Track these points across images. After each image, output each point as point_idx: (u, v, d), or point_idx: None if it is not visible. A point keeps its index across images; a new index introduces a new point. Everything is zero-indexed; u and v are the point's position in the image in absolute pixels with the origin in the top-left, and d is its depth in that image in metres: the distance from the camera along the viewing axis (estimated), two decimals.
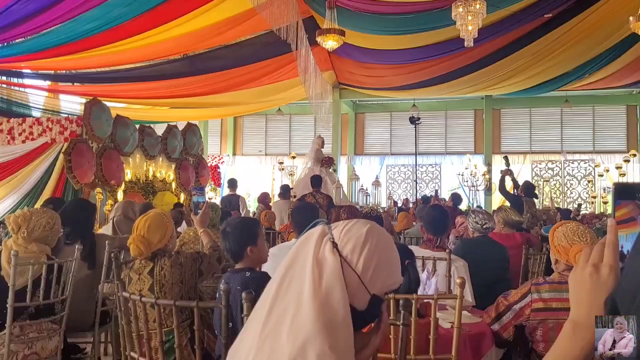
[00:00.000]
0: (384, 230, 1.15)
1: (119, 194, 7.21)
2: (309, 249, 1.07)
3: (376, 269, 1.06)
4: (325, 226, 1.12)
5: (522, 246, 4.11)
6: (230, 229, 2.44)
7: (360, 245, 1.06)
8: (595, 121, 14.82)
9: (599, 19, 9.24)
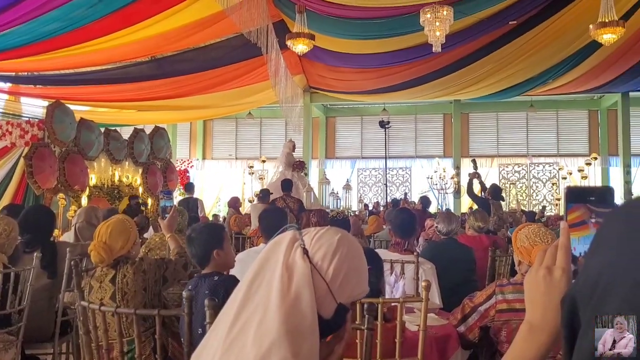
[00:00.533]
0: (355, 240, 1.14)
1: (83, 199, 7.04)
2: (279, 254, 1.06)
3: (345, 278, 1.06)
4: (296, 232, 1.11)
5: (488, 248, 4.16)
6: (195, 233, 2.40)
7: (332, 253, 1.05)
8: (559, 125, 15.17)
9: (561, 26, 9.48)
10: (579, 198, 0.85)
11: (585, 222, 0.84)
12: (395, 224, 3.32)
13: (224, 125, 16.79)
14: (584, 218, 0.84)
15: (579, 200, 0.84)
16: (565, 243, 0.84)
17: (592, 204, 0.84)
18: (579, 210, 0.84)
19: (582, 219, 0.84)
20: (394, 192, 15.19)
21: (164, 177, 9.03)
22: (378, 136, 14.42)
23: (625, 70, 11.22)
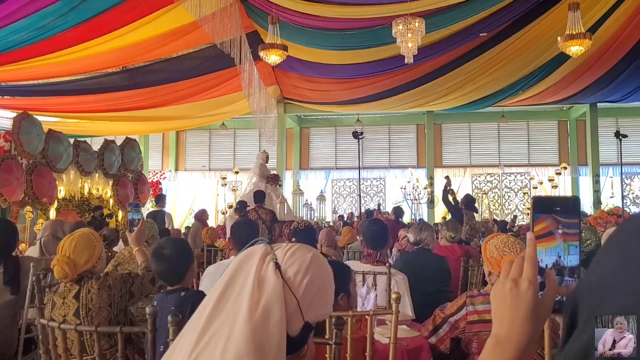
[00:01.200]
0: (324, 259, 1.14)
1: (51, 212, 6.89)
2: (250, 267, 1.04)
3: (315, 296, 1.05)
4: (268, 246, 1.09)
5: (460, 258, 4.18)
6: (166, 249, 2.32)
7: (304, 270, 1.04)
8: (529, 136, 15.43)
9: (530, 39, 9.67)
10: (545, 208, 0.84)
11: (552, 233, 0.84)
12: (367, 235, 3.31)
13: (197, 136, 16.66)
14: (551, 229, 0.83)
15: (546, 210, 0.84)
16: (532, 254, 0.83)
17: (558, 215, 0.83)
18: (546, 220, 0.84)
19: (548, 230, 0.84)
20: (368, 202, 15.23)
21: (135, 189, 8.90)
22: (352, 147, 14.46)
23: (593, 82, 11.48)
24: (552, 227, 0.83)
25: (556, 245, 0.84)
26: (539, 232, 0.84)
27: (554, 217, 0.83)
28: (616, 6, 8.82)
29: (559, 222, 0.83)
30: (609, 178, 14.32)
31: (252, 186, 9.99)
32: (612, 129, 13.93)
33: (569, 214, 0.83)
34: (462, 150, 15.66)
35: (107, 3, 7.40)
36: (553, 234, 0.83)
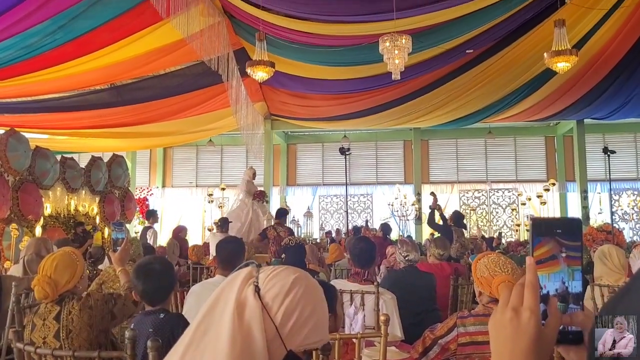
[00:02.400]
0: (314, 283, 1.07)
1: (37, 229, 6.79)
2: (232, 291, 0.99)
3: (297, 322, 0.98)
4: (254, 268, 1.04)
5: (449, 276, 4.15)
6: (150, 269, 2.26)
7: (284, 293, 0.99)
8: (517, 152, 15.53)
9: (516, 55, 9.78)
10: (546, 231, 0.80)
11: (555, 257, 0.79)
12: (354, 253, 3.28)
13: (184, 153, 16.59)
14: (554, 252, 0.79)
15: (547, 233, 0.80)
16: (533, 281, 0.77)
17: (560, 237, 0.79)
18: (548, 244, 0.79)
19: (551, 254, 0.79)
20: (355, 218, 15.20)
21: (122, 206, 8.81)
22: (339, 163, 14.45)
23: (578, 99, 11.60)
24: (555, 251, 0.79)
25: (560, 270, 0.79)
26: (540, 256, 0.79)
27: (557, 239, 0.79)
28: (601, 23, 8.96)
29: (562, 245, 0.79)
30: (597, 194, 14.41)
31: (239, 203, 9.93)
32: (599, 144, 14.06)
33: (571, 237, 0.79)
34: (450, 167, 15.72)
35: (94, 22, 7.40)
36: (556, 257, 0.79)
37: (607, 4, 8.41)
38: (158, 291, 2.22)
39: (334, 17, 8.36)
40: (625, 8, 8.53)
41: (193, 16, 7.65)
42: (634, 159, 14.91)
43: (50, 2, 6.60)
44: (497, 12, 8.41)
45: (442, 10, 7.93)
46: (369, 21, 8.31)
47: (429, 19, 8.24)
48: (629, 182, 14.72)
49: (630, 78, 10.50)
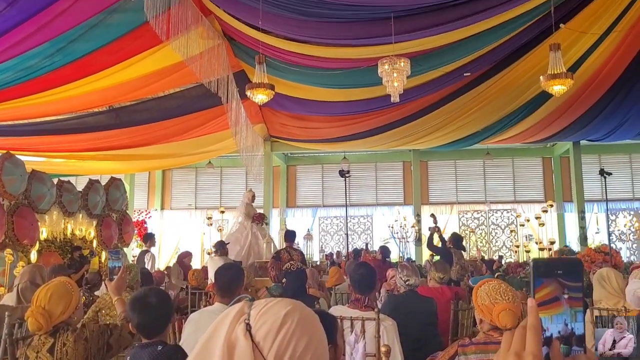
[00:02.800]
0: (309, 313, 1.01)
1: (33, 254, 6.73)
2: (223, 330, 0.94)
3: (292, 358, 0.92)
4: (246, 303, 0.99)
5: (450, 301, 4.11)
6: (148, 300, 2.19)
7: (275, 330, 0.93)
8: (514, 172, 15.56)
9: (512, 78, 9.86)
10: (547, 272, 0.78)
11: (557, 299, 0.77)
12: (354, 279, 3.23)
13: (183, 175, 16.57)
14: (556, 294, 0.77)
15: (548, 274, 0.78)
16: (535, 324, 0.75)
17: (561, 278, 0.78)
18: (550, 285, 0.78)
19: (553, 295, 0.78)
20: (355, 240, 15.13)
21: (120, 229, 8.76)
22: (339, 184, 14.45)
23: (574, 121, 11.67)
24: (558, 292, 0.77)
25: (562, 311, 0.77)
26: (542, 298, 0.77)
27: (559, 280, 0.78)
28: (594, 47, 9.05)
29: (564, 286, 0.78)
30: (594, 214, 14.43)
31: (238, 226, 9.88)
32: (596, 165, 14.12)
33: (572, 278, 0.78)
34: (449, 187, 15.72)
35: (93, 44, 7.44)
36: (559, 299, 0.77)
37: (600, 28, 8.53)
38: (154, 324, 2.16)
39: (332, 41, 8.42)
40: (617, 32, 8.65)
41: (193, 39, 7.70)
42: (629, 179, 14.96)
43: (50, 25, 6.65)
44: (494, 37, 8.50)
45: (439, 35, 8.00)
46: (368, 45, 8.38)
47: (427, 43, 8.32)
48: (625, 202, 14.76)
49: (624, 101, 10.60)
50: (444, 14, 7.44)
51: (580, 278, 0.79)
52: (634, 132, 12.37)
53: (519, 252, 12.50)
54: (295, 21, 7.67)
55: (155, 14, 6.38)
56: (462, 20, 7.53)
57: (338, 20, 7.70)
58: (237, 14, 7.91)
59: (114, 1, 6.60)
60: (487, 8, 7.29)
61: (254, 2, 7.02)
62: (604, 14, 8.18)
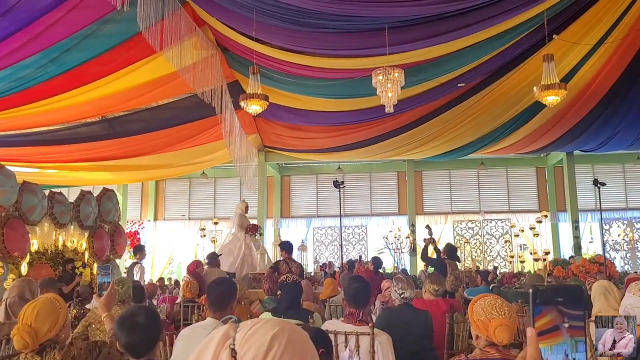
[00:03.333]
0: (297, 335, 0.96)
1: (23, 266, 6.63)
2: (208, 355, 0.90)
3: None
4: (232, 326, 0.95)
5: (445, 313, 4.07)
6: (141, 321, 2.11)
7: (262, 355, 0.89)
8: (509, 182, 15.59)
9: (506, 89, 9.90)
10: (547, 300, 0.75)
11: (557, 328, 0.74)
12: (348, 293, 3.19)
13: (177, 185, 16.50)
14: (556, 322, 0.74)
15: (548, 301, 0.75)
16: (535, 355, 0.73)
17: (562, 305, 0.74)
18: (549, 313, 0.74)
19: (553, 324, 0.74)
20: (350, 250, 15.07)
21: (112, 241, 8.65)
22: (333, 195, 14.42)
23: (567, 131, 11.72)
24: (558, 321, 0.74)
25: (563, 341, 0.74)
26: (542, 327, 0.74)
27: (559, 308, 0.74)
28: (587, 58, 9.10)
29: (564, 315, 0.74)
30: (588, 224, 14.47)
31: (232, 237, 9.82)
32: (589, 175, 14.18)
33: (573, 305, 0.75)
34: (443, 197, 15.73)
35: (86, 54, 7.41)
36: (559, 328, 0.74)
37: (593, 39, 8.59)
38: (142, 344, 2.08)
39: (327, 51, 8.43)
40: (609, 44, 8.71)
41: (186, 49, 7.68)
42: (622, 189, 15.01)
43: (42, 35, 6.62)
44: (488, 49, 8.54)
45: (433, 47, 8.03)
46: (362, 55, 8.39)
47: (421, 55, 8.35)
48: (619, 212, 14.81)
49: (616, 112, 10.67)
50: (438, 26, 7.47)
51: (581, 306, 0.76)
52: (626, 143, 12.43)
53: (514, 262, 12.49)
54: (289, 31, 7.67)
55: (148, 24, 6.36)
56: (457, 32, 7.56)
57: (332, 31, 7.71)
58: (231, 24, 7.90)
59: (107, 12, 6.57)
60: (481, 20, 7.32)
61: (248, 12, 7.03)
62: (597, 25, 8.24)
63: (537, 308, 0.75)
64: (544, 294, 0.76)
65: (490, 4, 6.97)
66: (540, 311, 0.75)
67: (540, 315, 0.75)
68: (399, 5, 6.93)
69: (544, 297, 0.75)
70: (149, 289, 6.59)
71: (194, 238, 14.50)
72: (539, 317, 0.75)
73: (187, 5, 7.50)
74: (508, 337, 2.03)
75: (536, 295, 0.75)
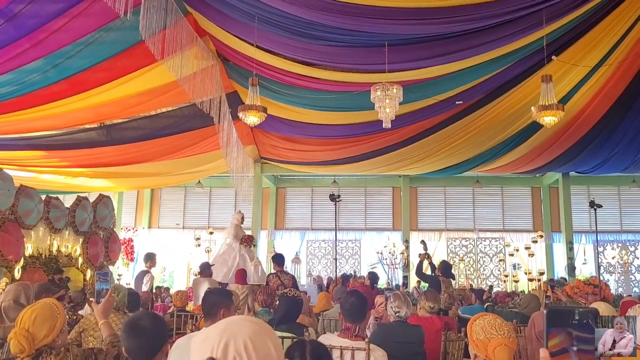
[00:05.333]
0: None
1: (17, 270, 6.59)
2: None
3: None
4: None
5: (440, 331, 4.06)
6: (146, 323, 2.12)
7: None
8: (503, 201, 15.62)
9: (503, 108, 9.97)
10: (560, 320, 0.76)
11: (566, 350, 0.76)
12: (345, 307, 3.19)
13: (172, 194, 16.46)
14: (565, 345, 0.76)
15: (560, 323, 0.76)
16: None
17: (574, 329, 0.76)
18: (560, 335, 0.76)
19: (562, 346, 0.76)
20: (343, 264, 15.04)
21: (106, 247, 8.62)
22: (328, 208, 14.41)
23: (562, 152, 11.79)
24: (567, 343, 0.76)
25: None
26: (553, 348, 0.76)
27: (569, 331, 0.76)
28: (586, 79, 9.18)
29: (573, 338, 0.76)
30: (582, 245, 14.50)
31: (226, 247, 9.79)
32: (584, 196, 14.24)
33: (584, 328, 0.76)
34: (438, 214, 15.73)
35: (88, 62, 7.43)
36: (567, 351, 0.76)
37: (592, 61, 8.66)
38: (143, 349, 2.09)
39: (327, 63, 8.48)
40: (608, 66, 8.79)
41: (187, 59, 7.71)
42: (617, 211, 15.06)
43: (46, 41, 6.64)
44: (487, 70, 8.62)
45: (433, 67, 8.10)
46: (361, 70, 8.45)
47: (420, 74, 8.42)
48: (613, 234, 14.84)
49: (612, 135, 10.75)
50: (438, 47, 7.55)
51: (593, 329, 0.77)
52: (622, 166, 12.51)
53: (508, 281, 12.48)
54: (290, 40, 7.72)
55: (150, 33, 6.39)
56: (456, 54, 7.63)
57: (332, 44, 7.76)
58: (233, 31, 7.95)
59: (110, 19, 6.60)
60: (482, 43, 7.40)
61: (250, 20, 7.07)
62: (596, 47, 8.33)
63: (549, 329, 0.76)
64: (558, 315, 0.77)
65: (491, 27, 7.05)
66: (551, 332, 0.76)
67: (551, 335, 0.76)
68: (400, 23, 7.00)
69: (557, 317, 0.76)
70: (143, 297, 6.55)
71: (188, 247, 14.44)
72: (550, 338, 0.76)
73: (190, 16, 7.55)
74: (507, 358, 2.03)
75: (550, 316, 0.77)
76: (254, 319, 1.14)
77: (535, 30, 7.32)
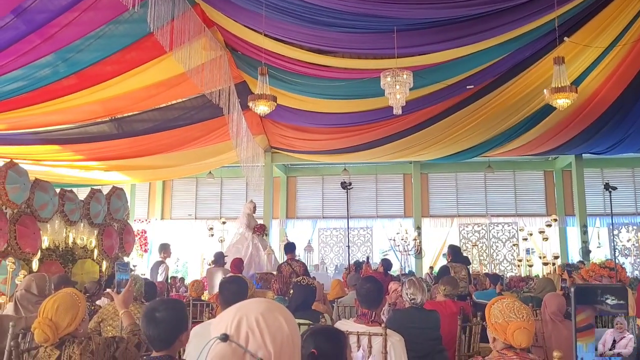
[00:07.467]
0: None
1: (34, 262, 6.68)
2: None
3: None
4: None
5: (456, 315, 4.07)
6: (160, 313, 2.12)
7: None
8: (516, 186, 15.52)
9: (515, 91, 9.86)
10: (587, 297, 0.77)
11: (591, 326, 0.76)
12: (361, 294, 3.20)
13: (183, 185, 16.55)
14: (590, 321, 0.76)
15: (587, 300, 0.76)
16: None
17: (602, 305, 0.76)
18: (586, 311, 0.76)
19: (588, 322, 0.76)
20: (355, 252, 15.05)
21: (120, 238, 8.71)
22: (339, 196, 14.45)
23: (577, 134, 11.67)
24: (592, 319, 0.76)
25: (594, 340, 0.76)
26: (580, 323, 0.76)
27: (594, 307, 0.76)
28: (598, 61, 9.06)
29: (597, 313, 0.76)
30: (596, 228, 14.39)
31: (239, 237, 9.85)
32: (598, 179, 14.11)
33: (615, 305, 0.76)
34: (449, 200, 15.68)
35: (98, 55, 7.46)
36: (592, 326, 0.76)
37: (605, 41, 8.53)
38: (161, 336, 2.11)
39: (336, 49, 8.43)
40: (622, 46, 8.66)
41: (195, 50, 7.71)
42: (632, 193, 14.90)
43: (56, 36, 6.66)
44: (498, 53, 8.52)
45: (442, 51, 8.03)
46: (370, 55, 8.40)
47: (430, 59, 8.34)
48: (628, 216, 14.67)
49: (627, 115, 10.60)
50: (447, 32, 7.47)
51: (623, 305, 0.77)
52: (637, 146, 12.36)
53: (522, 266, 12.43)
54: (299, 27, 7.68)
55: (159, 25, 6.39)
56: (466, 38, 7.56)
57: (341, 30, 7.71)
58: (240, 20, 7.92)
59: (120, 12, 6.61)
60: (493, 27, 7.31)
61: (257, 8, 7.03)
62: (609, 27, 8.20)
63: (576, 305, 0.76)
64: (584, 292, 0.77)
65: (501, 10, 6.96)
66: (578, 308, 0.76)
67: (578, 311, 0.76)
68: (410, 7, 6.93)
69: (584, 294, 0.77)
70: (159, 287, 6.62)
71: (200, 237, 14.53)
72: (578, 313, 0.76)
73: (197, 7, 7.54)
74: (526, 340, 2.02)
75: (577, 293, 0.77)
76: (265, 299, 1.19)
77: (546, 13, 7.21)
